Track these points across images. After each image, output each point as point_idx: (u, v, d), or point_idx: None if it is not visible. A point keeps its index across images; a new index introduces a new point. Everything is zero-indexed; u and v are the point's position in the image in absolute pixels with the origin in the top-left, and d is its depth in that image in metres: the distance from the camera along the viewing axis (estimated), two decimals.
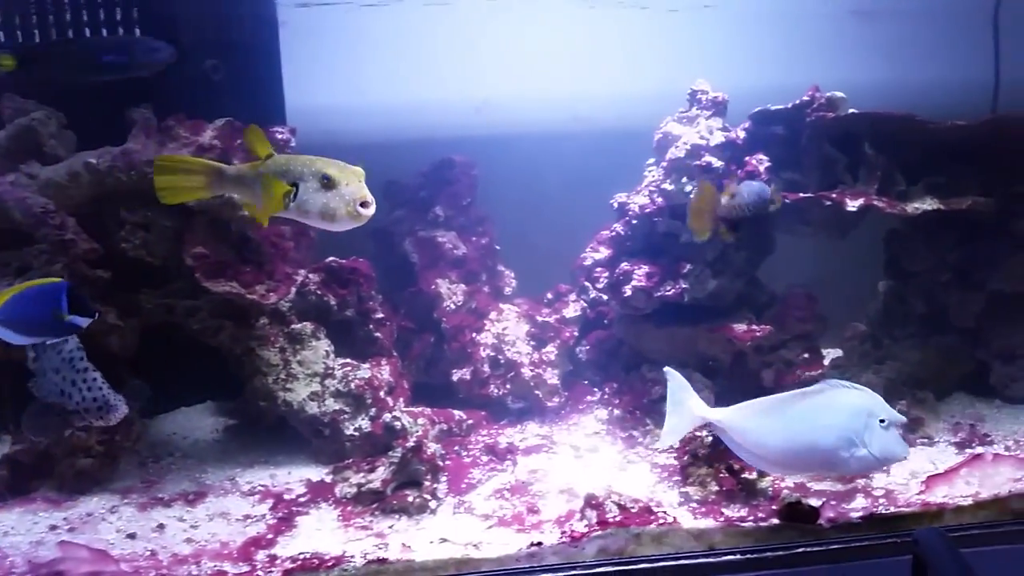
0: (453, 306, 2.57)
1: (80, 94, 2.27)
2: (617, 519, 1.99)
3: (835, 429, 1.86)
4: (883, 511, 2.10)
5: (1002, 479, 2.16)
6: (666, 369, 2.01)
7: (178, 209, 2.16)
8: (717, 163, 2.29)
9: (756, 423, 1.93)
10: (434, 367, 2.59)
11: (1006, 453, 2.25)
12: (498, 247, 2.82)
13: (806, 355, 2.44)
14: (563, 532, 1.98)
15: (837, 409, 1.88)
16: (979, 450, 2.27)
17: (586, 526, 1.98)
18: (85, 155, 2.12)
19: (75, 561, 1.87)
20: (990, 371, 2.52)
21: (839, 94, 2.39)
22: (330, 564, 1.90)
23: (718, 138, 2.31)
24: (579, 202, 2.74)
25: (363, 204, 1.74)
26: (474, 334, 2.54)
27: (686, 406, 1.96)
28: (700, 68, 2.83)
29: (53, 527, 2.03)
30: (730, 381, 2.45)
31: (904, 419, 1.91)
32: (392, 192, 2.77)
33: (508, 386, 2.50)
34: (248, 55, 2.56)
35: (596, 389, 2.59)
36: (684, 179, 2.30)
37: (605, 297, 2.46)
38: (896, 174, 2.34)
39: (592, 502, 2.02)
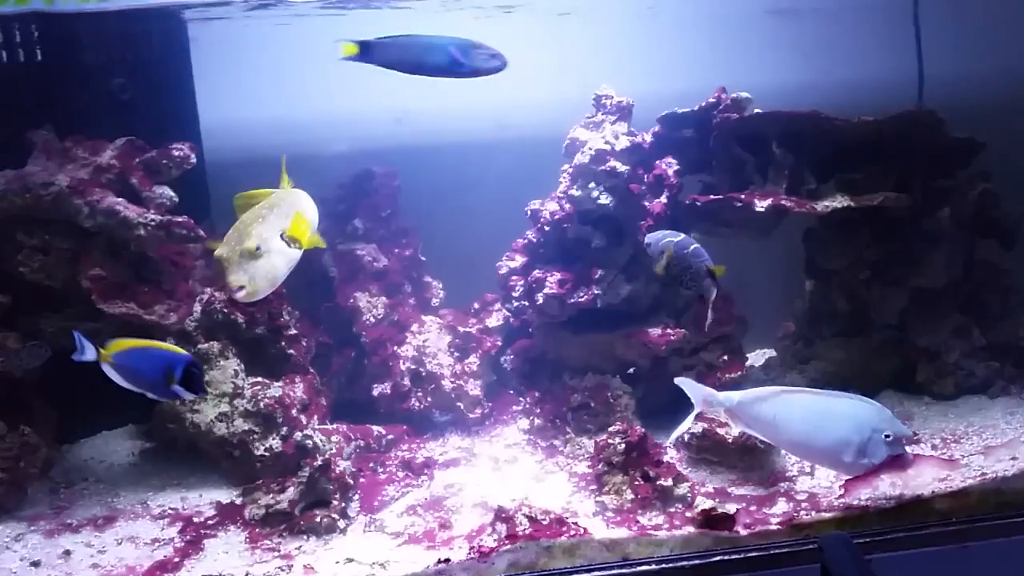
0: (373, 319, 2.54)
1: None
2: (527, 532, 1.95)
3: (832, 436, 1.96)
4: (804, 516, 2.08)
5: (925, 480, 2.14)
6: (677, 380, 2.07)
7: (75, 231, 2.14)
8: (622, 168, 2.26)
9: (765, 412, 2.01)
10: (356, 382, 2.56)
11: (928, 453, 2.22)
12: (423, 258, 2.79)
13: (725, 357, 2.41)
14: (472, 548, 1.95)
15: (839, 418, 1.98)
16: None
17: (495, 540, 1.94)
18: None
19: None
20: (917, 368, 2.50)
21: (745, 95, 2.38)
22: None
23: (623, 143, 2.29)
24: (507, 210, 2.71)
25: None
26: (395, 347, 2.50)
27: (702, 395, 2.05)
28: (623, 73, 2.83)
29: None
30: (651, 385, 2.42)
31: (909, 433, 1.99)
32: None
33: (429, 399, 2.47)
34: (157, 72, 2.53)
35: (521, 399, 2.56)
36: (592, 184, 2.27)
37: (526, 304, 2.42)
38: (806, 173, 2.32)
39: (502, 516, 1.98)
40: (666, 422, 2.35)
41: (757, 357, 2.89)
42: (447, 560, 1.93)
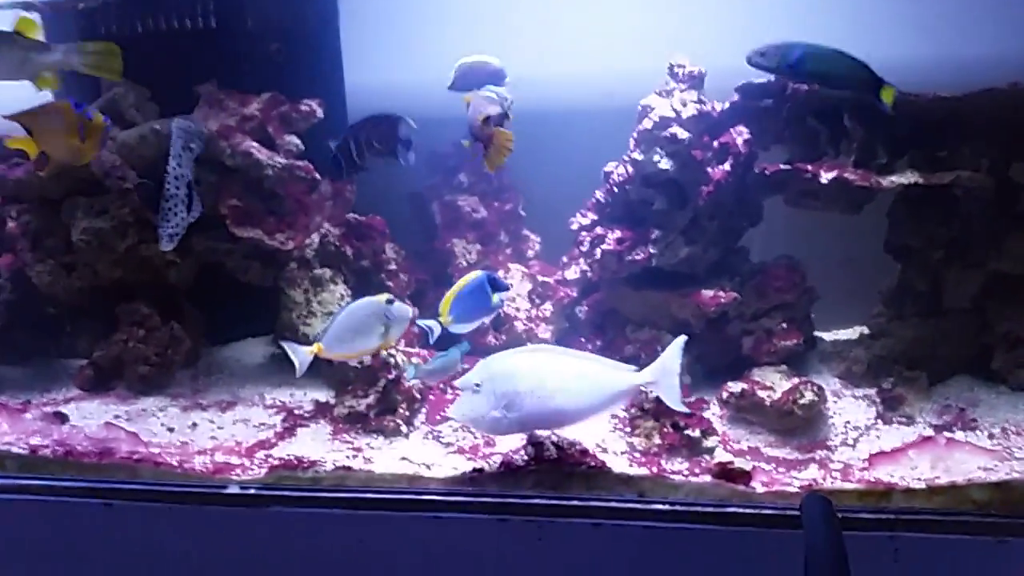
0: (465, 263, 2.85)
1: (168, 75, 2.78)
2: (552, 457, 2.19)
3: None
4: (828, 484, 2.12)
5: (965, 466, 2.10)
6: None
7: (220, 168, 2.62)
8: (683, 135, 2.37)
9: None
10: None
11: (962, 439, 2.17)
12: (523, 213, 3.05)
13: (784, 325, 2.46)
14: (503, 463, 2.21)
15: None
16: (929, 432, 2.21)
17: (523, 461, 2.20)
18: (152, 123, 2.62)
19: (118, 441, 2.38)
20: (994, 356, 2.40)
21: None
22: (306, 466, 2.26)
23: (691, 110, 2.39)
24: None
25: None
26: None
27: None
28: (737, 45, 2.88)
29: (117, 416, 2.56)
30: (707, 345, 2.52)
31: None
32: (432, 162, 3.09)
33: (504, 337, 2.74)
34: (309, 38, 2.96)
35: (589, 347, 2.76)
36: (654, 149, 2.41)
37: (591, 259, 2.61)
38: (877, 147, 2.30)
39: (533, 441, 2.23)
40: (722, 382, 2.46)
41: (853, 332, 2.88)
42: (480, 470, 2.21)
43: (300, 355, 2.25)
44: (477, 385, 2.05)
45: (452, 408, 2.13)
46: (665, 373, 2.09)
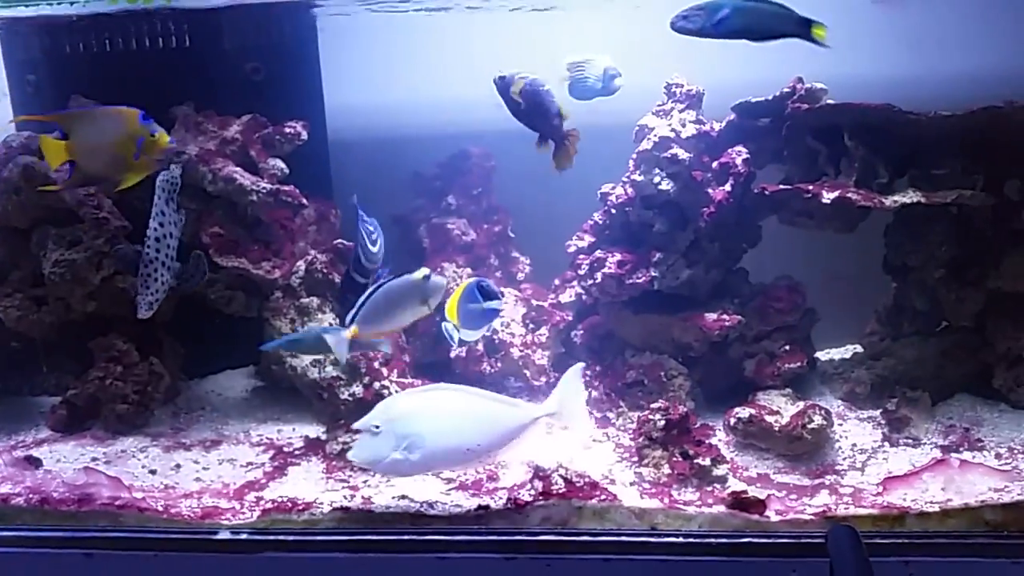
0: (455, 287, 2.76)
1: (138, 95, 2.65)
2: (561, 491, 2.12)
3: None
4: (841, 510, 2.09)
5: (976, 488, 2.08)
6: None
7: (201, 194, 2.50)
8: (684, 155, 2.33)
9: None
10: (440, 345, 2.79)
11: (974, 461, 2.15)
12: (512, 235, 2.98)
13: (787, 347, 2.43)
14: (509, 499, 2.13)
15: None
16: (937, 454, 2.20)
17: (531, 495, 2.12)
18: None
19: (98, 486, 2.24)
20: (994, 374, 2.40)
21: (819, 85, 2.36)
22: (301, 508, 2.16)
23: (690, 130, 2.36)
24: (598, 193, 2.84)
25: None
26: None
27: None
28: (721, 61, 2.86)
29: (94, 459, 2.42)
30: (710, 369, 2.48)
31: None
32: (415, 183, 3.01)
33: (499, 364, 2.66)
34: (287, 58, 2.86)
35: (587, 372, 2.69)
36: (654, 170, 2.36)
37: (590, 282, 2.55)
38: (879, 166, 2.28)
39: (540, 474, 2.15)
40: (726, 406, 2.42)
41: (847, 351, 2.86)
42: (486, 507, 2.13)
43: (338, 338, 2.11)
44: (376, 427, 1.99)
45: (351, 452, 2.05)
46: (567, 401, 2.09)
